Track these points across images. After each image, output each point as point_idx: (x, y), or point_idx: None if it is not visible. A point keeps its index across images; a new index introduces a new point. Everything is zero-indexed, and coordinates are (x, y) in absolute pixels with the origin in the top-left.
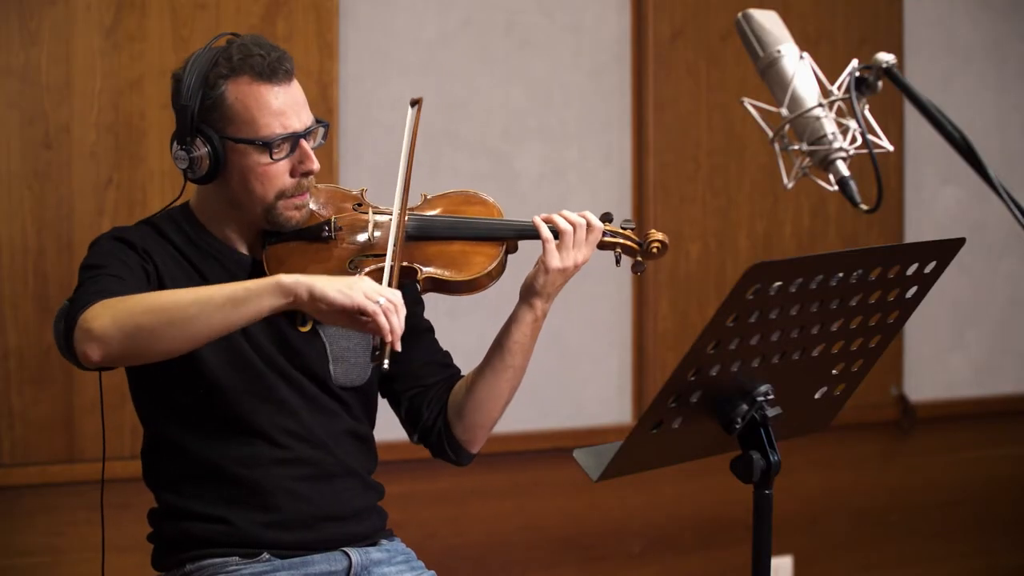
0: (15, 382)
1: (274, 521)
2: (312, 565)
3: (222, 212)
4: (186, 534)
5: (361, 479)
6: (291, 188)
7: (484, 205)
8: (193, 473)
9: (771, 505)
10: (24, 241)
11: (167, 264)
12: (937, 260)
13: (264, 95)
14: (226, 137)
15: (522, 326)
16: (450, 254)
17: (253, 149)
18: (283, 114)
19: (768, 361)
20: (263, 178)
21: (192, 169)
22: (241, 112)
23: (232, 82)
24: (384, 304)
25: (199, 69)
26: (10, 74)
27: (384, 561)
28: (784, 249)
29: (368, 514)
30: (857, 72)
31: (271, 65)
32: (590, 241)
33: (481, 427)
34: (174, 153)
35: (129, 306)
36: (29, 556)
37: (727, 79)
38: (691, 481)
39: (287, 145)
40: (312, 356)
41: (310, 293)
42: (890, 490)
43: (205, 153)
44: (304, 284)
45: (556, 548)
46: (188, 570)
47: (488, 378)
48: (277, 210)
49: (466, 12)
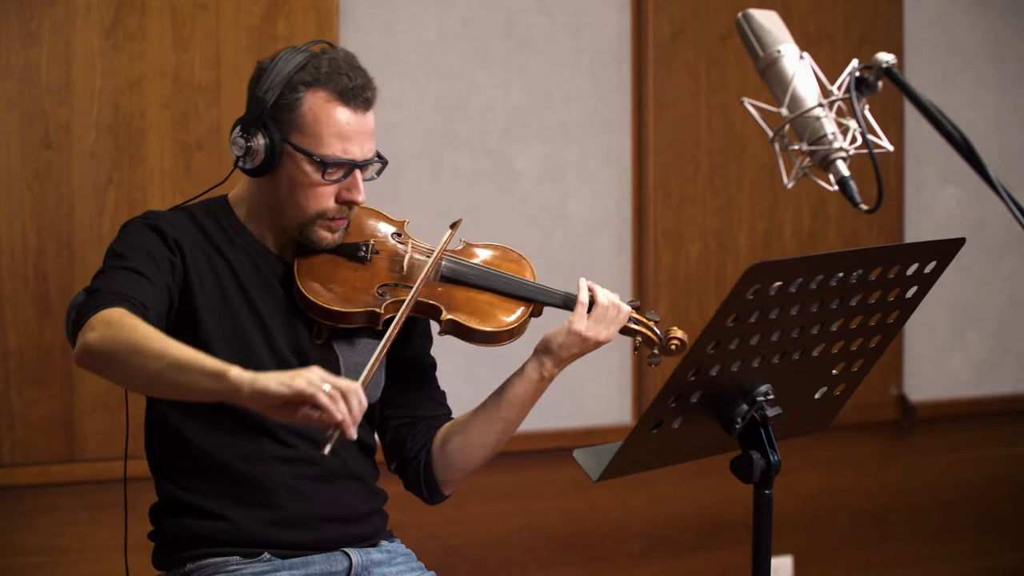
0: (15, 382)
1: (275, 519)
2: (312, 565)
3: (261, 210)
4: (187, 532)
5: (364, 484)
6: (332, 211)
7: (519, 264)
8: (195, 466)
9: (771, 505)
10: (24, 241)
11: (196, 257)
12: (937, 260)
13: (337, 115)
14: (287, 141)
15: (525, 382)
16: (477, 303)
17: (308, 162)
18: (348, 139)
19: (768, 361)
20: (309, 193)
21: (245, 158)
22: (310, 123)
23: (312, 91)
24: (330, 391)
25: (286, 67)
26: (10, 74)
27: (384, 562)
28: (784, 249)
29: (370, 517)
30: (857, 72)
31: (354, 89)
32: (617, 321)
33: (460, 470)
34: (233, 137)
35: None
36: (29, 556)
37: (727, 79)
38: (691, 481)
39: (341, 170)
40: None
41: (252, 385)
42: (890, 490)
43: (262, 147)
44: (247, 377)
45: (556, 548)
46: (188, 569)
47: (480, 423)
48: (313, 227)
49: (466, 12)
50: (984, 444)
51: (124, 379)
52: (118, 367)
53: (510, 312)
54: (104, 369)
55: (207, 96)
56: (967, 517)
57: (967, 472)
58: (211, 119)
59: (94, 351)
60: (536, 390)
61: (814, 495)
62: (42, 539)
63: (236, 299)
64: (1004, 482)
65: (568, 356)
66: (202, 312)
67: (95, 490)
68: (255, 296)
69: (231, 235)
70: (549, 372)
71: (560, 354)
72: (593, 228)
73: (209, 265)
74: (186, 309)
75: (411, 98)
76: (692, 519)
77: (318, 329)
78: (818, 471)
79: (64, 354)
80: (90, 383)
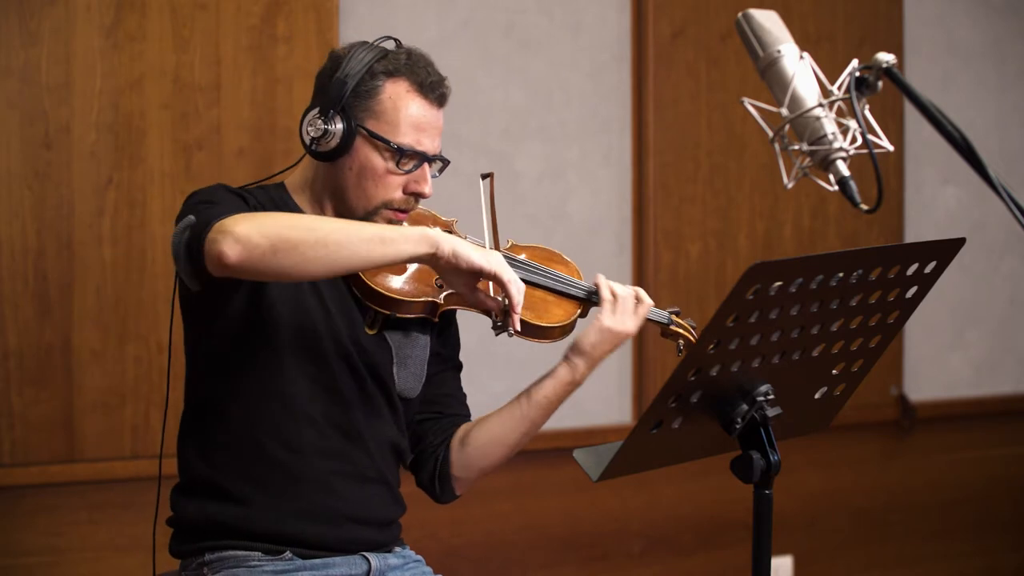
0: (15, 382)
1: (301, 510)
2: (333, 568)
3: (322, 197)
4: (209, 518)
5: (391, 490)
6: (398, 202)
7: (566, 265)
8: (232, 444)
9: (771, 505)
10: (24, 241)
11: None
12: (937, 260)
13: (416, 106)
14: (363, 127)
15: (557, 385)
16: (532, 298)
17: (385, 149)
18: (424, 131)
19: (768, 361)
20: (380, 181)
21: (318, 141)
22: (389, 111)
23: (392, 80)
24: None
25: (365, 56)
26: (10, 74)
27: (399, 567)
28: (784, 249)
29: (390, 525)
30: (857, 72)
31: (433, 84)
32: (638, 313)
33: (477, 468)
34: (309, 119)
35: (274, 219)
36: (29, 556)
37: (727, 79)
38: (691, 481)
39: (413, 161)
40: (380, 356)
41: (453, 251)
42: (890, 490)
43: (339, 131)
44: (448, 241)
45: (556, 548)
46: (207, 559)
47: (506, 423)
48: (375, 217)
49: (466, 12)
50: (984, 444)
51: (300, 259)
52: (290, 249)
53: (563, 309)
54: (271, 257)
55: (207, 96)
56: (967, 517)
57: (967, 472)
58: (211, 119)
59: (255, 240)
60: (565, 393)
61: (814, 495)
62: (42, 539)
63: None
64: (1004, 482)
65: (600, 355)
66: (271, 287)
67: (95, 490)
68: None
69: None
70: (582, 374)
71: (593, 354)
72: (593, 228)
73: None
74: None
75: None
76: (692, 519)
77: (372, 319)
78: (818, 471)
79: (64, 354)
80: (90, 383)
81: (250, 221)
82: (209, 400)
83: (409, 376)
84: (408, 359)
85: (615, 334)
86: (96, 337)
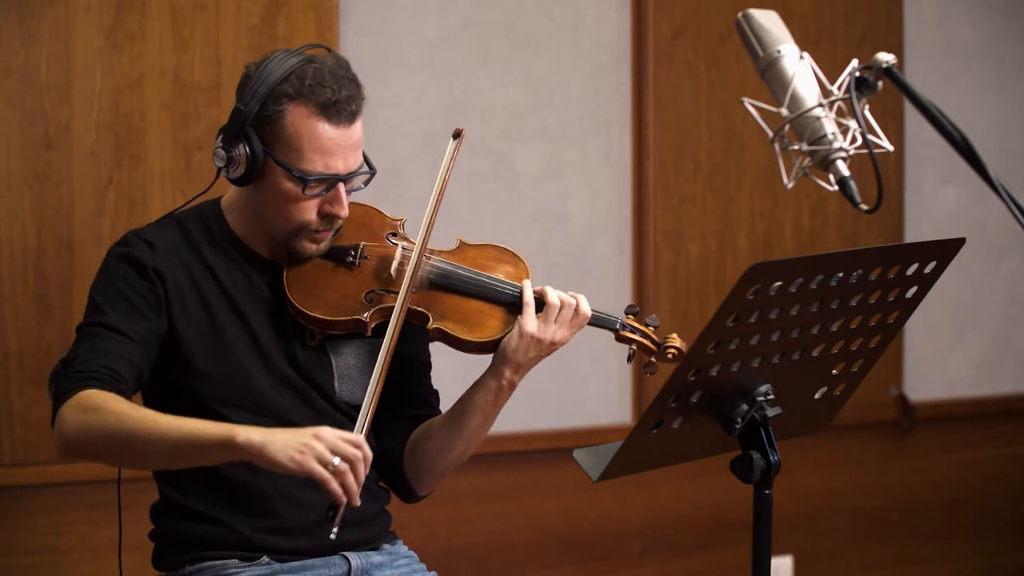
0: (15, 382)
1: (274, 527)
2: (311, 570)
3: (249, 216)
4: (187, 534)
5: (364, 486)
6: (315, 224)
7: (515, 266)
8: (195, 474)
9: (771, 505)
10: (24, 241)
11: (178, 277)
12: (937, 260)
13: (318, 131)
14: (269, 153)
15: (484, 391)
16: (466, 310)
17: (289, 177)
18: (330, 154)
19: (768, 361)
20: (292, 207)
21: (228, 168)
22: (292, 137)
23: (294, 105)
24: (338, 466)
25: (270, 77)
26: (10, 74)
27: (385, 564)
28: (784, 249)
29: (372, 519)
30: (857, 72)
31: (337, 103)
32: (573, 324)
33: (428, 472)
34: (215, 147)
35: (99, 424)
36: (29, 556)
37: (727, 79)
38: (691, 481)
39: (323, 185)
40: (318, 371)
41: (261, 455)
42: (890, 490)
43: (244, 157)
44: (256, 445)
45: (556, 548)
46: (188, 571)
47: (444, 430)
48: (297, 239)
49: (466, 12)
50: (984, 444)
51: (113, 462)
52: (102, 455)
53: (500, 320)
54: (95, 459)
55: (207, 96)
56: (967, 517)
57: (967, 472)
58: (211, 119)
59: (76, 443)
60: (497, 398)
61: (814, 495)
62: (42, 539)
63: (222, 314)
64: (1004, 482)
65: (526, 360)
66: (184, 336)
67: (95, 490)
68: (243, 305)
69: (220, 242)
70: (508, 379)
71: (516, 359)
72: (593, 228)
73: (191, 282)
74: (171, 336)
75: (411, 98)
76: (692, 519)
77: (310, 332)
78: (818, 471)
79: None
80: None
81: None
82: None
83: (354, 387)
84: (352, 369)
85: (538, 341)
86: None
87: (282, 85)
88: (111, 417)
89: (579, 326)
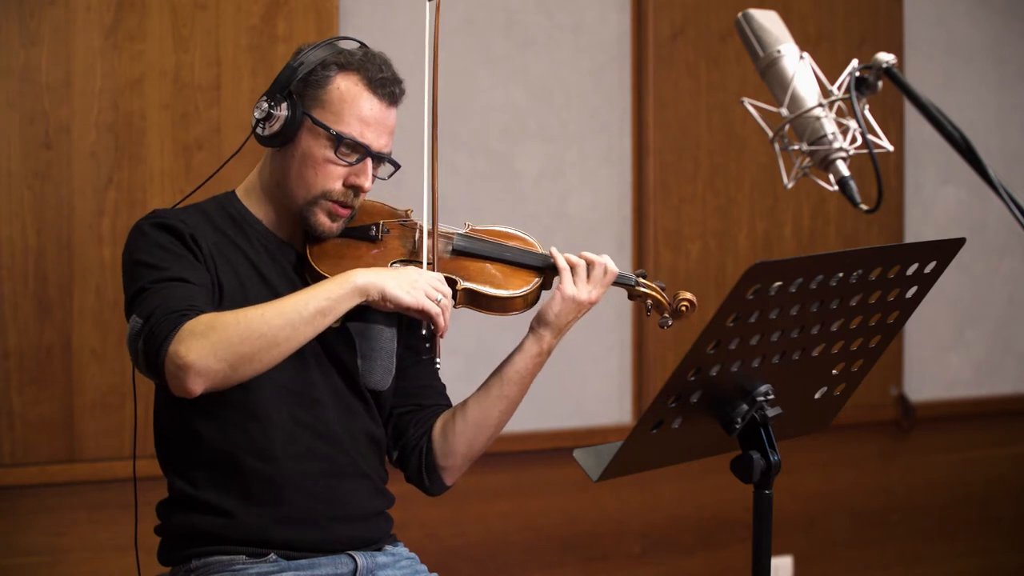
0: (15, 382)
1: (283, 516)
2: (318, 568)
3: (268, 191)
4: (194, 528)
5: (372, 483)
6: (337, 193)
7: (524, 241)
8: (206, 462)
9: (771, 505)
10: (24, 241)
11: (213, 251)
12: (937, 260)
13: (363, 99)
14: (308, 114)
15: (526, 357)
16: (490, 272)
17: (325, 137)
18: (368, 125)
19: (768, 361)
20: (320, 169)
21: (263, 124)
22: (335, 100)
23: (344, 73)
24: (443, 303)
25: (323, 50)
26: (10, 74)
27: (389, 565)
28: (784, 249)
29: (376, 519)
30: (857, 72)
31: (383, 80)
32: (604, 282)
33: (462, 455)
34: (257, 103)
35: (225, 335)
36: (29, 556)
37: (727, 79)
38: (691, 481)
39: (355, 154)
40: (342, 350)
41: (382, 294)
42: (890, 490)
43: (283, 117)
44: (377, 286)
45: (556, 548)
46: (194, 565)
47: (482, 404)
48: (315, 208)
49: (466, 12)
50: (984, 444)
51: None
52: (247, 361)
53: (522, 279)
54: (233, 374)
55: (207, 96)
56: (967, 517)
57: (967, 472)
58: (211, 119)
59: (213, 367)
60: (535, 365)
61: (814, 495)
62: (42, 539)
63: (253, 286)
64: (1004, 482)
65: (565, 324)
66: (227, 306)
67: (95, 490)
68: (275, 284)
69: (243, 226)
70: (548, 344)
71: (558, 323)
72: (593, 228)
73: (225, 258)
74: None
75: (411, 98)
76: (692, 519)
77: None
78: (818, 471)
79: (64, 354)
80: (90, 383)
81: (203, 345)
82: (180, 423)
83: (375, 368)
84: (373, 352)
85: (578, 302)
86: (96, 337)
87: (335, 56)
88: (232, 324)
89: (608, 284)
